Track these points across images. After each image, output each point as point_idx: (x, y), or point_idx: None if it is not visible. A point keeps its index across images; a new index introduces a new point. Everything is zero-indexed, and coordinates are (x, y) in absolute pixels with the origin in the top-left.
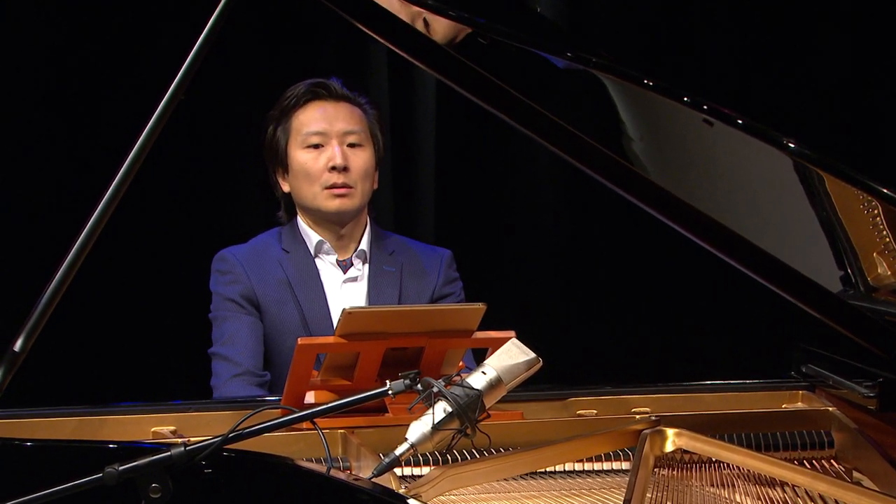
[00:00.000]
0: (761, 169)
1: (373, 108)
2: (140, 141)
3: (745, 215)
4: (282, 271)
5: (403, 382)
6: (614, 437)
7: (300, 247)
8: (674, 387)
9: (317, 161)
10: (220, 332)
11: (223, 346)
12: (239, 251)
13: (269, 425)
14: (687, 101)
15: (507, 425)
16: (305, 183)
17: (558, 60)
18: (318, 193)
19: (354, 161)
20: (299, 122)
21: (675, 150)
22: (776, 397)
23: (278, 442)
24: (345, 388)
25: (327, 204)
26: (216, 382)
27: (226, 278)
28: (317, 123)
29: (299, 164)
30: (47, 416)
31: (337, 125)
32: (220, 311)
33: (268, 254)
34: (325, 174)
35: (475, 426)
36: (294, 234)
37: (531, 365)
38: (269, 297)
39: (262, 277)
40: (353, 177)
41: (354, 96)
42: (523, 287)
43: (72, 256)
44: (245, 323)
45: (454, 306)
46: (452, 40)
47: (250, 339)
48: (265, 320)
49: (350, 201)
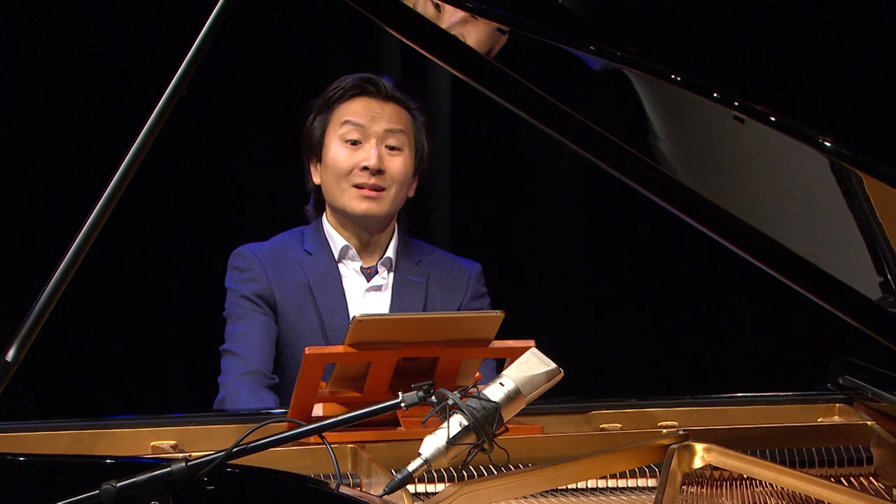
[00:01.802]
0: (796, 169)
1: (423, 115)
2: (138, 141)
3: (778, 218)
4: (302, 274)
5: (417, 394)
6: (639, 453)
7: (323, 249)
8: (703, 399)
9: (350, 157)
10: (232, 330)
11: (234, 343)
12: (258, 248)
13: (275, 439)
14: (717, 97)
15: (527, 440)
16: (335, 178)
17: (581, 54)
18: (346, 191)
19: (390, 164)
20: (340, 115)
21: (703, 150)
22: (811, 411)
23: (285, 457)
24: (355, 401)
25: (354, 205)
26: (223, 379)
27: (243, 276)
28: (357, 118)
29: (332, 157)
30: (41, 429)
31: (378, 124)
32: (235, 309)
33: (288, 254)
34: (356, 172)
35: (492, 441)
36: (318, 234)
37: (552, 376)
38: (287, 300)
39: (282, 278)
40: (387, 180)
41: (405, 98)
42: (543, 294)
43: (67, 261)
44: (259, 322)
45: (471, 314)
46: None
47: (263, 339)
48: (281, 323)
49: (378, 205)
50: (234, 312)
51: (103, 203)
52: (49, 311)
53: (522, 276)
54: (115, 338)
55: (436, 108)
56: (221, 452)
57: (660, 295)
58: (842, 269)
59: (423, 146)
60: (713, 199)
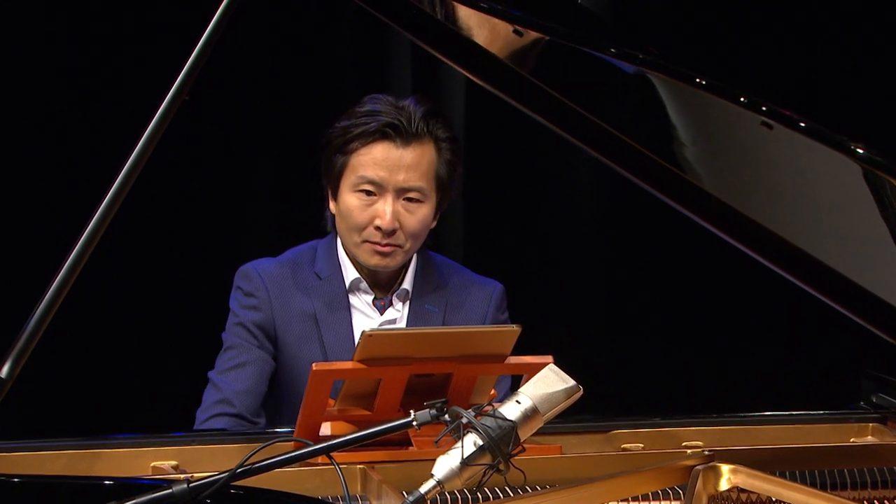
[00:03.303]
0: (826, 177)
1: (451, 143)
2: (137, 150)
3: (809, 228)
4: (309, 302)
5: (429, 412)
6: (663, 474)
7: (335, 274)
8: (729, 418)
9: (364, 212)
10: (224, 359)
11: (222, 377)
12: (267, 269)
13: (281, 460)
14: (744, 101)
15: (544, 460)
16: (347, 228)
17: (601, 57)
18: (359, 245)
19: (406, 220)
20: (357, 161)
21: (730, 157)
22: (843, 430)
23: (291, 478)
24: (364, 419)
25: (366, 258)
26: (200, 415)
27: (246, 301)
28: (374, 170)
29: (346, 206)
30: (36, 449)
31: (397, 176)
32: (232, 337)
33: (298, 276)
34: (369, 228)
35: (508, 461)
36: (331, 256)
37: (571, 393)
38: (290, 333)
39: (287, 307)
40: (401, 238)
41: (433, 128)
42: (561, 307)
43: (64, 273)
44: (253, 358)
45: (485, 328)
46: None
47: (253, 377)
48: (282, 357)
49: (392, 260)
50: (231, 340)
51: (102, 213)
52: (45, 325)
53: (540, 288)
54: (114, 353)
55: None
56: (225, 473)
57: (684, 308)
58: (875, 281)
59: (446, 186)
60: (740, 208)
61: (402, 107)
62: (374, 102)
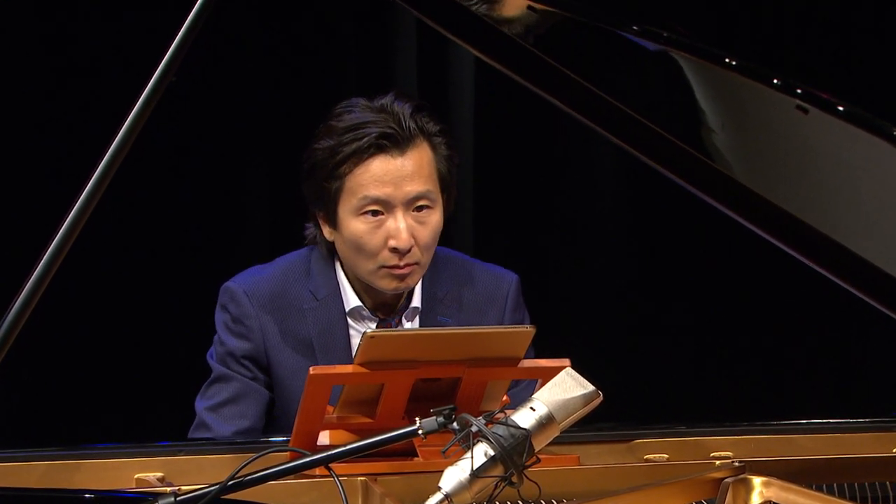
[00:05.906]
0: (867, 165)
1: (444, 136)
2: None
3: (847, 221)
4: (305, 327)
5: (436, 420)
6: (689, 487)
7: (333, 295)
8: (761, 427)
9: (375, 235)
10: (213, 392)
11: (212, 414)
12: (255, 289)
13: (276, 471)
14: (777, 83)
15: (561, 472)
16: (355, 255)
17: (623, 35)
18: (373, 272)
19: (420, 233)
20: (355, 184)
21: (763, 144)
22: (885, 440)
23: (286, 491)
24: (366, 427)
25: (383, 284)
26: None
27: (234, 327)
28: (377, 188)
29: (353, 233)
30: (10, 459)
31: (403, 188)
32: (220, 366)
33: (291, 294)
34: (384, 252)
35: (522, 473)
36: (328, 276)
37: (589, 399)
38: (283, 365)
39: (279, 333)
40: (417, 254)
41: (423, 125)
42: (579, 307)
43: (39, 272)
44: (246, 390)
45: (497, 329)
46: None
47: (246, 414)
48: (276, 388)
49: (410, 281)
50: (219, 370)
51: (80, 205)
52: (19, 327)
53: (556, 287)
54: (96, 357)
55: (457, 99)
56: (215, 486)
57: (712, 307)
58: None
59: (449, 183)
60: (774, 199)
61: (385, 109)
62: (352, 111)
